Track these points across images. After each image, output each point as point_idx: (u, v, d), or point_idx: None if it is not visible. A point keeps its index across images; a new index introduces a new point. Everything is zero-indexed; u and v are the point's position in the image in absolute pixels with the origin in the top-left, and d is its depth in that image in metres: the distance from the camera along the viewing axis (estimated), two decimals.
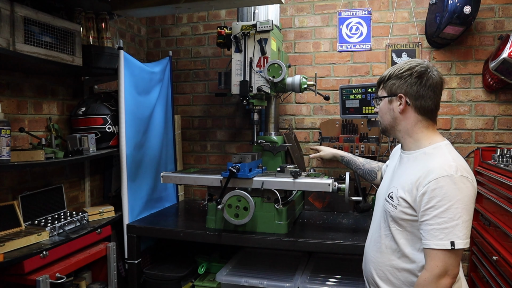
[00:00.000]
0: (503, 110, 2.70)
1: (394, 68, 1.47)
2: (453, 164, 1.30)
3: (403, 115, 1.45)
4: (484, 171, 2.41)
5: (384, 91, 1.49)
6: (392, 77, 1.45)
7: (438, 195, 1.26)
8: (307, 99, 3.04)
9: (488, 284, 2.18)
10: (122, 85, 2.38)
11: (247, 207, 2.12)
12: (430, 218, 1.27)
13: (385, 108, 1.50)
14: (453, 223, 1.23)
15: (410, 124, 1.45)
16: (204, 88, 3.31)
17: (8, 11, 1.79)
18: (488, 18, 2.70)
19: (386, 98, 1.49)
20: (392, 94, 1.46)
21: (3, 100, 2.07)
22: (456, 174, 1.27)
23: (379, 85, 1.54)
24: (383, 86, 1.50)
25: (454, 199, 1.24)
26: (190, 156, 3.34)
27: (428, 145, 1.42)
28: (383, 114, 1.52)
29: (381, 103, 1.52)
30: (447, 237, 1.23)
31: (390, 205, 1.43)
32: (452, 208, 1.24)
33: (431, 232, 1.26)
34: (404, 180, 1.40)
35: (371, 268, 1.50)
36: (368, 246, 1.58)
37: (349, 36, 2.95)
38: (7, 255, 1.72)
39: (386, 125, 1.52)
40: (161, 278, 2.45)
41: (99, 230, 2.23)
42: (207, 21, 3.27)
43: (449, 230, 1.23)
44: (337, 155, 2.21)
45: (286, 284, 2.17)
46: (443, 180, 1.26)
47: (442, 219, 1.24)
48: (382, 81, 1.52)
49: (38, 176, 2.27)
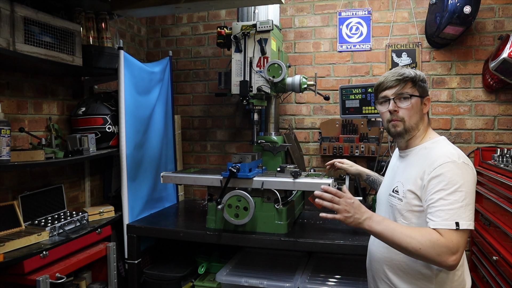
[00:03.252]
0: (503, 110, 2.70)
1: (416, 71, 1.53)
2: (455, 152, 1.39)
3: (424, 116, 1.54)
4: (484, 171, 2.40)
5: (417, 90, 1.50)
6: (421, 80, 1.52)
7: (444, 179, 1.32)
8: (307, 99, 3.04)
9: (488, 284, 2.18)
10: (122, 85, 2.38)
11: (247, 207, 2.12)
12: (436, 201, 1.32)
13: (417, 107, 1.51)
14: (457, 205, 1.29)
15: (425, 124, 1.55)
16: (204, 88, 3.31)
17: (8, 11, 1.79)
18: (488, 18, 2.70)
19: (419, 98, 1.50)
20: (424, 95, 1.52)
21: (3, 100, 2.07)
22: (459, 160, 1.36)
23: (405, 82, 1.50)
24: (415, 85, 1.50)
25: (458, 183, 1.31)
26: (190, 156, 3.34)
27: (428, 140, 1.52)
28: (413, 113, 1.50)
29: (413, 101, 1.49)
30: (452, 218, 1.28)
31: (396, 198, 1.49)
32: (457, 191, 1.30)
33: (436, 213, 1.31)
34: (408, 173, 1.47)
35: (382, 265, 1.52)
36: (373, 244, 1.60)
37: (349, 36, 2.95)
38: (7, 255, 1.72)
39: (412, 125, 1.51)
40: (161, 278, 2.45)
41: (99, 230, 2.23)
42: (207, 21, 3.27)
43: (454, 212, 1.28)
44: (363, 173, 2.14)
45: (286, 284, 2.17)
46: (448, 165, 1.34)
47: (447, 201, 1.30)
48: (411, 80, 1.51)
49: (38, 176, 2.27)
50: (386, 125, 1.56)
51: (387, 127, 1.57)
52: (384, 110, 1.55)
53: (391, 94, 1.51)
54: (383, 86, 1.54)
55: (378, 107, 1.59)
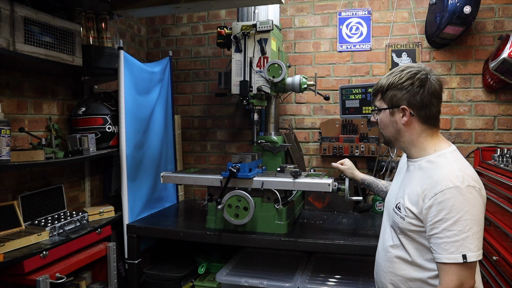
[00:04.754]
0: (503, 110, 2.70)
1: (392, 76, 1.38)
2: (459, 174, 1.25)
3: (407, 126, 1.38)
4: (484, 171, 2.40)
5: (384, 102, 1.40)
6: (391, 87, 1.37)
7: (446, 207, 1.22)
8: (307, 99, 3.04)
9: (488, 284, 2.18)
10: (122, 85, 2.38)
11: (247, 207, 2.12)
12: (439, 232, 1.23)
13: (387, 121, 1.42)
14: (463, 236, 1.20)
15: (415, 135, 1.39)
16: (204, 88, 3.31)
17: (8, 11, 1.79)
18: (488, 18, 2.70)
19: (387, 110, 1.40)
20: (394, 106, 1.38)
21: (3, 100, 2.07)
22: (463, 184, 1.23)
23: (376, 95, 1.44)
24: (382, 97, 1.40)
25: (462, 210, 1.20)
26: (190, 156, 3.34)
27: (433, 153, 1.37)
28: (384, 126, 1.44)
29: (381, 115, 1.43)
30: (458, 250, 1.20)
31: (398, 216, 1.39)
32: (461, 220, 1.20)
33: (441, 245, 1.23)
34: (410, 191, 1.37)
35: (384, 277, 1.47)
36: (379, 255, 1.54)
37: (349, 36, 2.95)
38: (7, 255, 1.72)
39: (389, 137, 1.45)
40: (161, 278, 2.45)
41: (99, 230, 2.23)
42: (207, 21, 3.27)
43: (459, 243, 1.20)
44: (357, 177, 2.06)
45: (286, 284, 2.17)
46: (450, 192, 1.23)
47: (451, 232, 1.21)
48: (380, 91, 1.41)
49: (38, 176, 2.27)
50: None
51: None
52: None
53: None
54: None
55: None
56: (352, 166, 2.11)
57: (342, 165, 2.11)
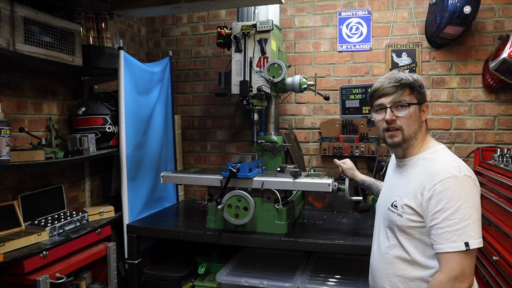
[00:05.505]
0: (503, 110, 2.70)
1: (415, 75, 1.43)
2: (455, 165, 1.30)
3: (423, 123, 1.45)
4: (484, 171, 2.40)
5: (415, 97, 1.40)
6: (421, 84, 1.42)
7: (445, 197, 1.25)
8: (307, 99, 3.04)
9: (488, 284, 2.18)
10: (122, 85, 2.38)
11: (247, 207, 2.12)
12: (440, 222, 1.25)
13: (416, 116, 1.41)
14: (464, 224, 1.22)
15: (424, 132, 1.46)
16: (204, 88, 3.31)
17: (8, 11, 1.79)
18: (488, 18, 2.70)
19: (417, 106, 1.40)
20: (423, 101, 1.43)
21: (3, 100, 2.07)
22: (460, 174, 1.27)
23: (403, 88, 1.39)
24: (413, 91, 1.40)
25: (461, 199, 1.24)
26: (190, 156, 3.34)
27: (426, 149, 1.43)
28: (411, 122, 1.40)
29: (411, 110, 1.39)
30: (460, 238, 1.22)
31: (395, 214, 1.40)
32: (461, 208, 1.23)
33: (443, 235, 1.24)
34: (407, 187, 1.39)
35: (382, 280, 1.45)
36: (374, 258, 1.53)
37: (349, 36, 2.95)
38: (7, 255, 1.72)
39: (410, 134, 1.41)
40: (161, 278, 2.45)
41: (99, 230, 2.23)
42: (207, 21, 3.27)
43: (461, 231, 1.22)
44: (358, 178, 2.06)
45: (286, 284, 2.17)
46: (448, 181, 1.26)
47: (452, 221, 1.23)
48: (413, 86, 1.40)
49: (38, 176, 2.27)
50: (382, 134, 1.46)
51: (383, 136, 1.46)
52: (379, 119, 1.44)
53: (388, 102, 1.40)
54: (378, 93, 1.43)
55: (374, 115, 1.48)
56: (353, 166, 2.12)
57: (343, 165, 2.12)
